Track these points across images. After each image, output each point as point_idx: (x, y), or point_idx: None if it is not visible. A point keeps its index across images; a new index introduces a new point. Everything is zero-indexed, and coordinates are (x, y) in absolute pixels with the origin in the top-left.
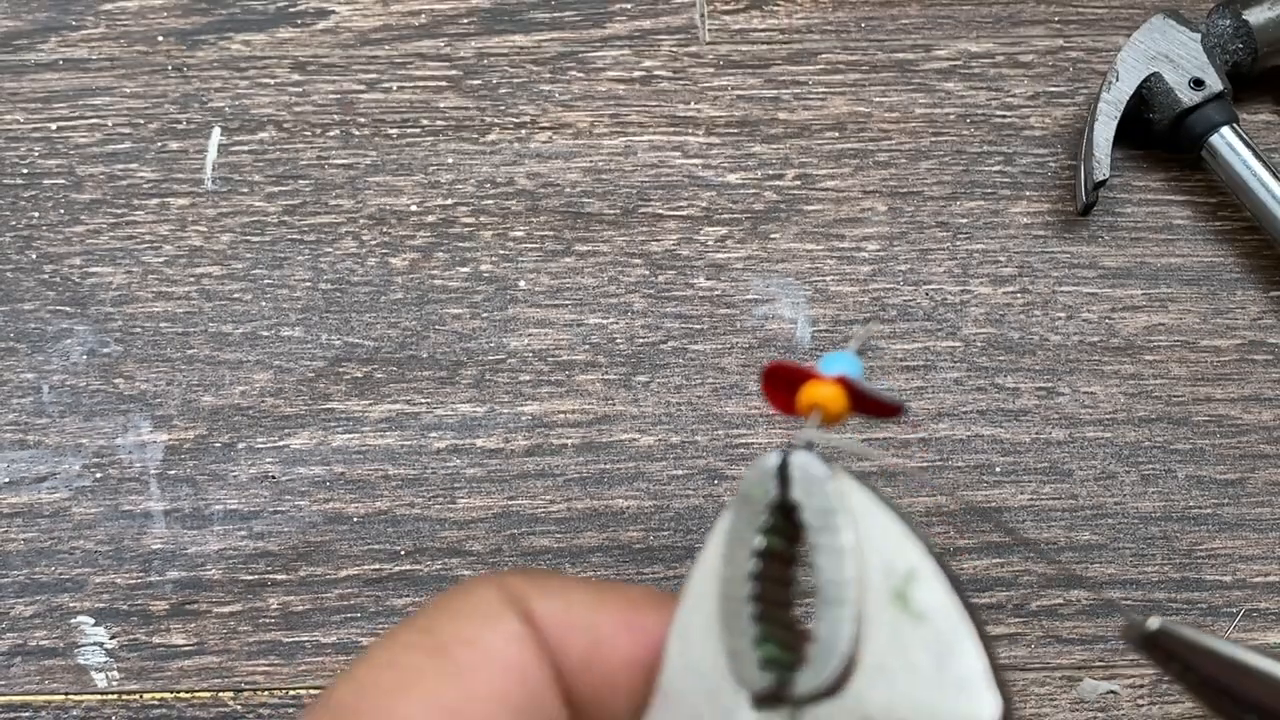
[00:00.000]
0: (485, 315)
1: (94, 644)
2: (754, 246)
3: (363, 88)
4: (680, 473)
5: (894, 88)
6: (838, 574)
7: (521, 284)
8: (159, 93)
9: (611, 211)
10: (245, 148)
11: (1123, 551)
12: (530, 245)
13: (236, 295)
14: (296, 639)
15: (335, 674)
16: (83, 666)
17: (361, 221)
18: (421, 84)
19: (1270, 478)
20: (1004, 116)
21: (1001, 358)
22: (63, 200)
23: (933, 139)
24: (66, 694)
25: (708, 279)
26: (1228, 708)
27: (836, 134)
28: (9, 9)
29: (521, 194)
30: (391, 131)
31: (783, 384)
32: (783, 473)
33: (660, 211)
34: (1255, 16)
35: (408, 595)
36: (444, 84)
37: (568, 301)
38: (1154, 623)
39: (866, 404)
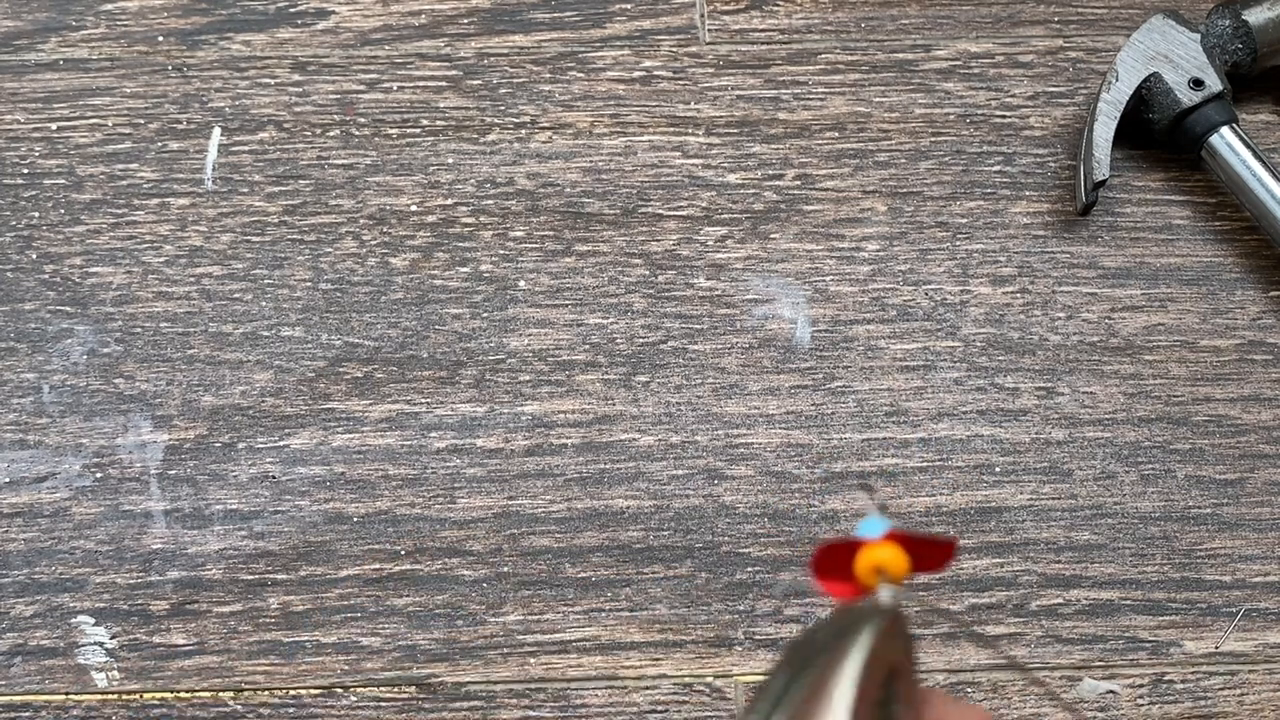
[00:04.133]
0: (485, 315)
1: (94, 644)
2: (754, 246)
3: (363, 88)
4: (680, 473)
5: (894, 88)
6: None
7: (521, 284)
8: (159, 93)
9: (611, 211)
10: (245, 148)
11: (1123, 551)
12: (530, 245)
13: (237, 295)
14: (297, 639)
15: (337, 674)
16: (83, 666)
17: (361, 221)
18: (421, 84)
19: (1270, 478)
20: (1004, 116)
21: (1001, 358)
22: (63, 200)
23: (933, 139)
24: (67, 694)
25: (708, 279)
26: None
27: (836, 134)
28: (9, 9)
29: (521, 194)
30: (391, 131)
31: (832, 566)
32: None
33: (660, 211)
34: (1255, 16)
35: (408, 595)
36: (444, 84)
37: (568, 301)
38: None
39: (921, 551)
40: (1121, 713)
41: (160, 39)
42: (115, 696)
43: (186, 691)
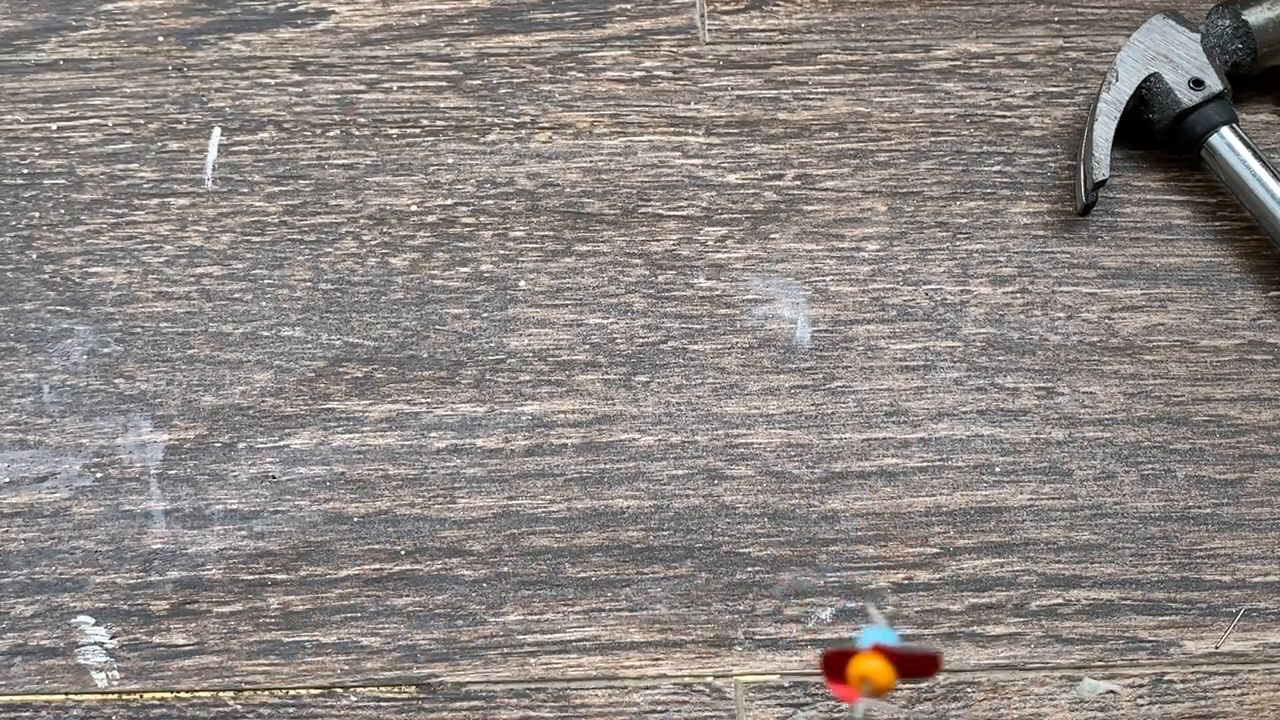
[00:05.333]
0: (485, 315)
1: (94, 644)
2: (754, 246)
3: (363, 88)
4: (680, 473)
5: (894, 88)
6: None
7: (521, 284)
8: (159, 93)
9: (611, 211)
10: (245, 148)
11: (1123, 551)
12: (530, 245)
13: (237, 295)
14: (297, 639)
15: (337, 674)
16: (83, 666)
17: (361, 221)
18: (421, 84)
19: (1270, 478)
20: (1004, 116)
21: (1001, 358)
22: (63, 200)
23: (933, 139)
24: (67, 694)
25: (708, 279)
26: None
27: (836, 134)
28: (9, 9)
29: (521, 194)
30: (391, 131)
31: (837, 669)
32: None
33: (660, 211)
34: (1255, 17)
35: (408, 595)
36: (444, 84)
37: (568, 301)
38: None
39: (906, 664)
40: (1121, 713)
41: (160, 39)
42: (115, 696)
43: (186, 691)
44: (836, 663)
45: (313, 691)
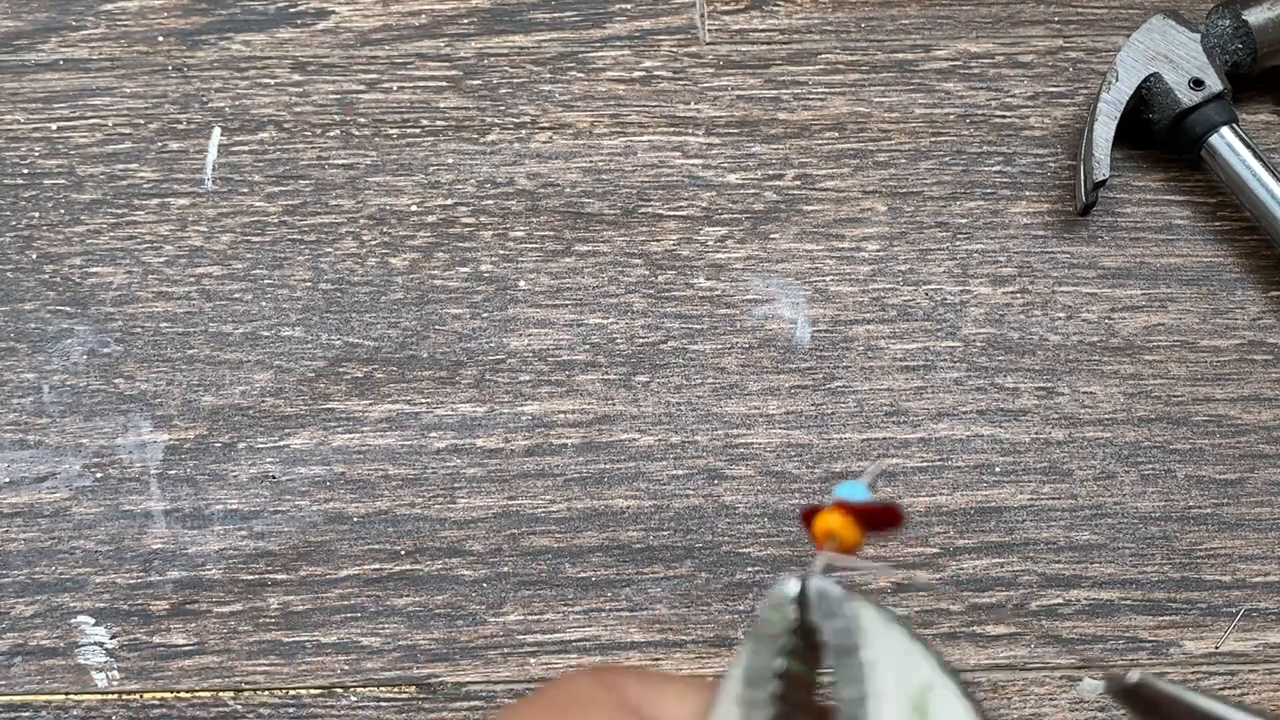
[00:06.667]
0: (485, 315)
1: (94, 644)
2: (754, 246)
3: (363, 88)
4: (680, 473)
5: (894, 88)
6: (858, 690)
7: (521, 284)
8: (159, 93)
9: (611, 211)
10: (245, 148)
11: (1122, 551)
12: (530, 245)
13: (237, 295)
14: (297, 639)
15: (337, 674)
16: (83, 666)
17: (361, 221)
18: (421, 84)
19: (1270, 478)
20: (1004, 116)
21: (1001, 358)
22: (63, 200)
23: (933, 139)
24: (67, 694)
25: (708, 279)
26: None
27: (836, 134)
28: (9, 9)
29: (521, 194)
30: (391, 131)
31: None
32: (801, 598)
33: (660, 211)
34: (1255, 17)
35: (408, 595)
36: (444, 84)
37: (568, 301)
38: (1134, 675)
39: (869, 517)
40: (1122, 713)
41: (160, 39)
42: (115, 696)
43: (186, 691)
44: (809, 520)
45: (313, 691)
